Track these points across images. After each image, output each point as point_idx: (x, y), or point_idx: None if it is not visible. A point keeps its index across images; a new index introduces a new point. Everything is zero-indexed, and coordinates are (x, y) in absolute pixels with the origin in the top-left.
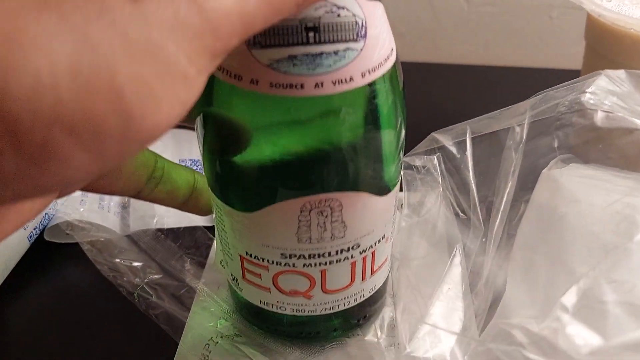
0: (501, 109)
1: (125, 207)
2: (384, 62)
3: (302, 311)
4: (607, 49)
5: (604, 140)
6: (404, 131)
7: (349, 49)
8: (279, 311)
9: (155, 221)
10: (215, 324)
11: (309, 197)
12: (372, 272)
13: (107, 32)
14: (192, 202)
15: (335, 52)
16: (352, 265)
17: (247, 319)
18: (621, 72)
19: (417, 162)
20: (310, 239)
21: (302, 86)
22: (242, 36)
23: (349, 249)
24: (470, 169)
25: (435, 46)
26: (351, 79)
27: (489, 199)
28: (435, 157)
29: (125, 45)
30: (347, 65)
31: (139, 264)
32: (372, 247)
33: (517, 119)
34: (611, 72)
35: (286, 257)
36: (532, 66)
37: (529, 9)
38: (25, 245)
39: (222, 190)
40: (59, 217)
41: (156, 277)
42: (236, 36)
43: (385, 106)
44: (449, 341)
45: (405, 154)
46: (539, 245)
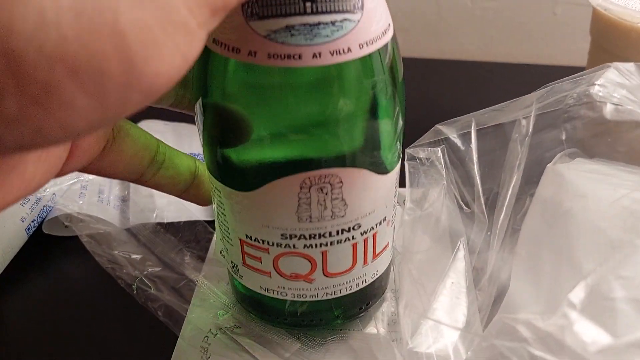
0: (507, 102)
1: (125, 200)
2: (381, 36)
3: (303, 296)
4: (613, 44)
5: (612, 133)
6: (402, 110)
7: (346, 19)
8: (280, 297)
9: (155, 215)
10: (214, 317)
11: (308, 172)
12: (374, 256)
13: None
14: (193, 190)
15: (332, 23)
16: (354, 247)
17: (248, 310)
18: (630, 65)
19: (421, 154)
20: (310, 217)
21: (300, 57)
22: None
23: (349, 229)
24: (474, 162)
25: (438, 42)
26: (349, 49)
27: (494, 193)
28: (439, 149)
29: None
30: (344, 36)
31: (138, 257)
32: (373, 228)
33: (523, 112)
34: (620, 64)
35: (286, 237)
36: (536, 62)
37: (532, 5)
38: (23, 237)
39: (221, 170)
40: (58, 209)
41: (155, 269)
42: None
43: (382, 80)
44: (452, 336)
45: (408, 146)
46: (544, 240)
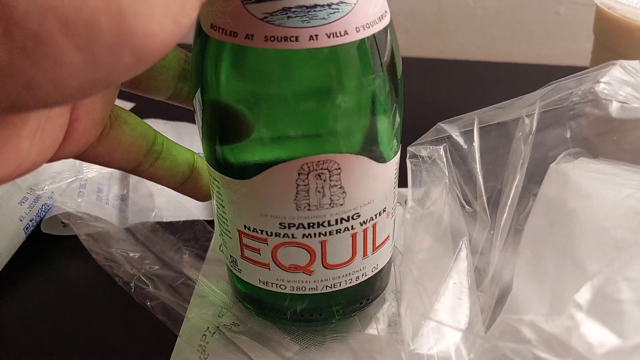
0: (510, 100)
1: (123, 199)
2: (378, 20)
3: (303, 289)
4: (617, 42)
5: (618, 131)
6: (400, 99)
7: (343, 2)
8: (279, 290)
9: (154, 214)
10: (213, 315)
11: (305, 158)
12: (374, 248)
13: None
14: (191, 183)
15: (329, 5)
16: (353, 237)
17: (247, 307)
18: (636, 63)
19: (423, 152)
20: (309, 205)
21: (296, 39)
22: None
23: (349, 218)
24: (477, 160)
25: (440, 41)
26: (346, 32)
27: (497, 191)
28: (441, 147)
29: None
30: (341, 18)
31: (136, 255)
32: (372, 219)
33: (526, 110)
34: (625, 62)
35: (285, 227)
36: (538, 62)
37: (535, 4)
38: (21, 237)
39: (219, 158)
40: (56, 208)
41: (153, 268)
42: None
43: (379, 64)
44: (454, 338)
45: (410, 144)
46: (548, 240)
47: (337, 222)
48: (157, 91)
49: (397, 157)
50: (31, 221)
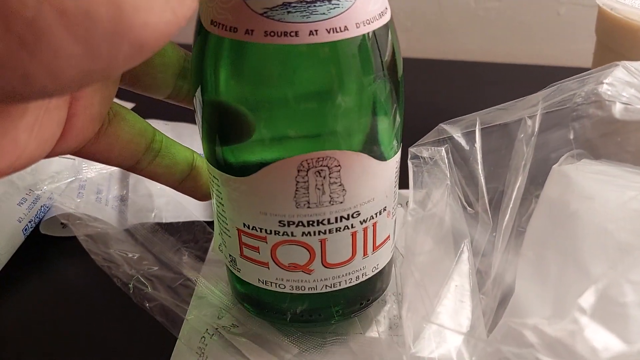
0: (512, 101)
1: (123, 200)
2: (378, 17)
3: (302, 288)
4: (619, 43)
5: (621, 133)
6: (401, 97)
7: None
8: (278, 289)
9: (153, 215)
10: (212, 317)
11: (305, 155)
12: (374, 247)
13: None
14: (190, 182)
15: (329, 0)
16: (353, 236)
17: (247, 308)
18: (639, 64)
19: (425, 153)
20: (308, 203)
21: (296, 34)
22: None
23: (348, 216)
24: (479, 162)
25: (441, 41)
26: (346, 28)
27: (499, 192)
28: (443, 148)
29: None
30: (341, 14)
31: (135, 256)
32: (373, 217)
33: (529, 111)
34: (628, 63)
35: (284, 224)
36: (539, 63)
37: (536, 5)
38: (20, 238)
39: (218, 156)
40: (55, 209)
41: (152, 269)
42: None
43: (379, 61)
44: (455, 341)
45: (411, 145)
46: (550, 242)
47: (336, 220)
48: (156, 89)
49: (397, 156)
50: (30, 222)
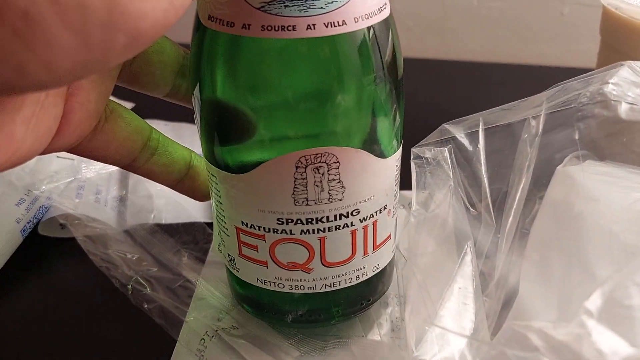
0: (516, 101)
1: (122, 200)
2: (377, 12)
3: (301, 288)
4: (624, 43)
5: (627, 133)
6: (400, 94)
7: None
8: (278, 289)
9: (152, 216)
10: (212, 319)
11: (303, 151)
12: (375, 246)
13: None
14: (188, 181)
15: None
16: (353, 234)
17: (245, 308)
18: None
19: (427, 153)
20: (307, 200)
21: (294, 28)
22: None
23: (348, 214)
24: (482, 162)
25: (443, 41)
26: (344, 22)
27: (502, 193)
28: (446, 149)
29: None
30: (339, 8)
31: (133, 256)
32: (373, 216)
33: (532, 111)
34: (634, 63)
35: (283, 222)
36: (543, 64)
37: (539, 5)
38: (18, 239)
39: (216, 153)
40: (54, 209)
41: (151, 270)
42: None
43: (378, 56)
44: (458, 344)
45: (414, 146)
46: (555, 244)
47: (336, 218)
48: (155, 87)
49: (398, 154)
50: (28, 223)
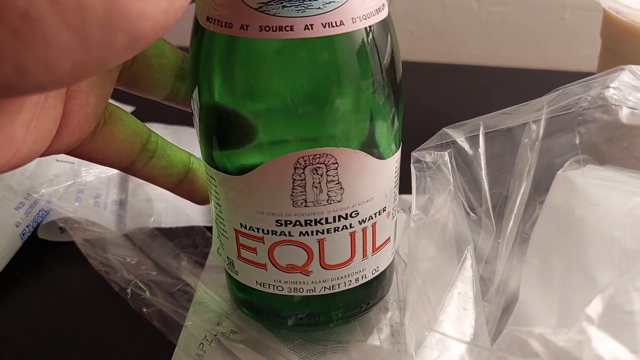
0: (516, 105)
1: (122, 204)
2: (375, 13)
3: (300, 290)
4: (625, 47)
5: (628, 138)
6: (399, 95)
7: None
8: (276, 292)
9: (152, 220)
10: (211, 323)
11: (301, 152)
12: (374, 249)
13: None
14: (187, 184)
15: None
16: (352, 236)
17: (244, 312)
18: None
19: (427, 157)
20: (305, 201)
21: (291, 28)
22: None
23: (347, 215)
24: (482, 167)
25: (444, 45)
26: (341, 22)
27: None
28: (446, 153)
29: None
30: (337, 8)
31: (133, 260)
32: (372, 218)
33: (533, 115)
34: (635, 67)
35: (281, 224)
36: (544, 68)
37: (540, 9)
38: (17, 243)
39: (215, 153)
40: (54, 212)
41: (151, 274)
42: None
43: (376, 57)
44: (458, 349)
45: (414, 150)
46: (555, 249)
47: (334, 220)
48: (154, 90)
49: (397, 155)
50: (28, 227)
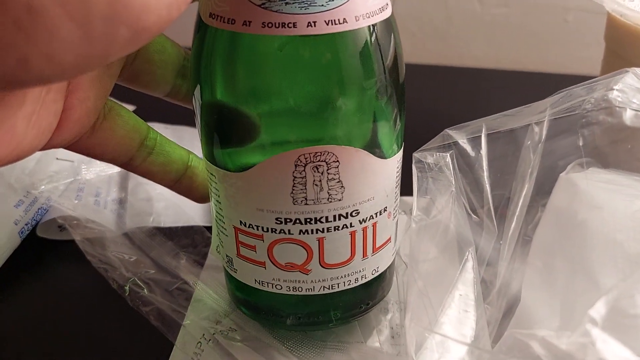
0: (519, 107)
1: (121, 203)
2: (378, 12)
3: (299, 289)
4: (629, 50)
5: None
6: (401, 93)
7: None
8: (275, 290)
9: (152, 219)
10: (209, 322)
11: (302, 149)
12: (374, 249)
13: None
14: (186, 181)
15: None
16: (352, 235)
17: (243, 311)
18: None
19: (429, 159)
20: (306, 199)
21: (294, 25)
22: None
23: (347, 214)
24: (484, 168)
25: (447, 47)
26: (345, 20)
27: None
28: (448, 154)
29: None
30: (340, 6)
31: (132, 258)
32: (372, 217)
33: (536, 117)
34: (639, 70)
35: (281, 222)
36: (546, 70)
37: (543, 12)
38: (16, 241)
39: (216, 150)
40: (53, 210)
41: (149, 272)
42: None
43: (378, 56)
44: (459, 352)
45: (415, 151)
46: (558, 251)
47: (335, 219)
48: (155, 86)
49: (399, 155)
50: (26, 225)
